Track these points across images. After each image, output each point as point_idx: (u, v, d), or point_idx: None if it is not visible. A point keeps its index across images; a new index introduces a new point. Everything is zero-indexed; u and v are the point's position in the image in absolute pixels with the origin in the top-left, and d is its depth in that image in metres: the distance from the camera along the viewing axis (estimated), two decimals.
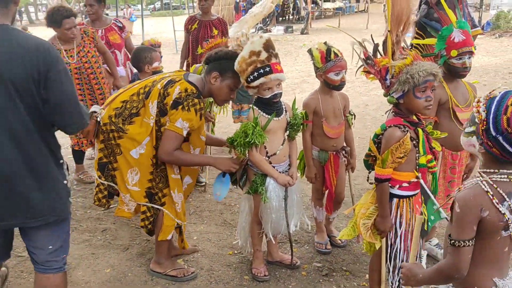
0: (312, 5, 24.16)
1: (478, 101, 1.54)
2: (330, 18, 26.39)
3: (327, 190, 3.24)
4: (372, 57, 2.27)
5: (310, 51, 3.04)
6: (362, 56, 2.28)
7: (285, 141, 2.84)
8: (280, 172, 2.82)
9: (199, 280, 3.04)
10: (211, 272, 3.13)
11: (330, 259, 3.22)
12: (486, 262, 1.60)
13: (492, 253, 1.60)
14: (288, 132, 2.85)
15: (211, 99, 3.80)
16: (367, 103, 7.67)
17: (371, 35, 2.46)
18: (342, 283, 2.95)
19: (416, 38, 2.96)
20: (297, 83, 9.47)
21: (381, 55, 2.30)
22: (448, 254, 1.59)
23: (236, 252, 3.36)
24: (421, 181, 2.22)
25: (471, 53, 2.63)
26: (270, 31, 19.91)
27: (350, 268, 3.10)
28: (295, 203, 2.94)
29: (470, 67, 2.67)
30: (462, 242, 1.54)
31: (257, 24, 18.90)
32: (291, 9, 26.72)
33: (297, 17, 25.68)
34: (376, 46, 2.32)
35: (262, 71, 2.61)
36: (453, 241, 1.55)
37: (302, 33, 19.38)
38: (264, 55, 2.63)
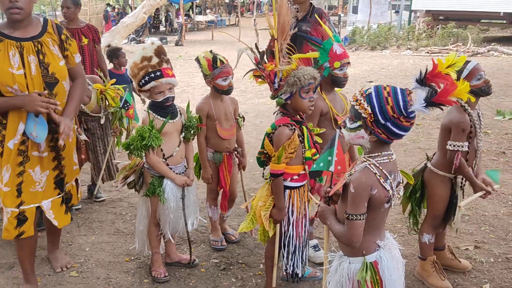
0: (185, 18, 24.40)
1: (356, 100, 1.84)
2: (203, 30, 26.87)
3: (222, 190, 3.42)
4: (261, 62, 2.52)
5: (197, 60, 3.21)
6: (254, 61, 2.52)
7: (181, 143, 2.96)
8: (177, 173, 2.93)
9: None
10: (109, 280, 3.09)
11: (226, 254, 3.40)
12: (372, 229, 1.91)
13: (376, 222, 1.92)
14: (183, 134, 2.98)
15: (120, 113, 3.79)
16: (246, 111, 8.05)
17: (256, 44, 2.72)
18: (239, 274, 3.14)
19: (288, 49, 3.24)
20: (177, 93, 9.51)
21: (265, 62, 2.56)
22: (345, 226, 1.86)
23: (133, 258, 3.36)
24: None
25: (349, 64, 3.00)
26: (143, 42, 19.60)
27: (246, 261, 3.31)
28: (192, 203, 3.07)
29: (348, 77, 3.04)
30: (356, 216, 1.82)
31: (129, 34, 18.48)
32: (163, 21, 26.67)
33: (170, 29, 25.70)
34: (262, 53, 2.58)
35: (153, 75, 2.74)
36: (348, 215, 1.83)
37: (176, 44, 19.45)
38: (155, 60, 2.77)
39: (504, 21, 15.61)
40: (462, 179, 2.86)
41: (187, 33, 22.99)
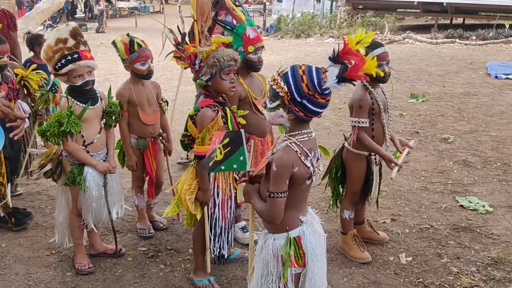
0: (106, 3, 23.37)
1: (274, 79, 1.88)
2: (126, 17, 25.93)
3: (147, 177, 3.36)
4: (181, 43, 2.48)
5: (114, 43, 3.10)
6: (173, 42, 2.48)
7: (102, 129, 2.86)
8: (97, 160, 2.83)
9: (14, 286, 2.82)
10: (29, 276, 2.93)
11: (154, 242, 3.35)
12: (294, 205, 1.97)
13: (298, 198, 1.98)
14: (104, 120, 2.87)
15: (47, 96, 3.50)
16: (173, 99, 7.91)
17: (178, 26, 2.68)
18: (168, 260, 3.11)
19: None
20: (99, 81, 9.15)
21: (187, 43, 2.53)
22: (267, 204, 1.90)
23: (54, 252, 3.21)
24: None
25: (263, 47, 3.04)
26: None
27: (174, 247, 3.29)
28: (116, 191, 2.98)
29: (262, 60, 3.08)
30: (277, 194, 1.86)
31: (45, 21, 17.38)
32: (82, 7, 25.35)
33: (90, 15, 24.50)
34: (183, 34, 2.55)
35: (69, 57, 2.62)
36: (270, 193, 1.87)
37: (97, 31, 18.62)
38: (71, 42, 2.65)
39: (418, 10, 16.55)
40: (376, 155, 3.01)
41: (108, 20, 22.07)
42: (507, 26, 13.39)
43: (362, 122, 2.87)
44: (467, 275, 2.89)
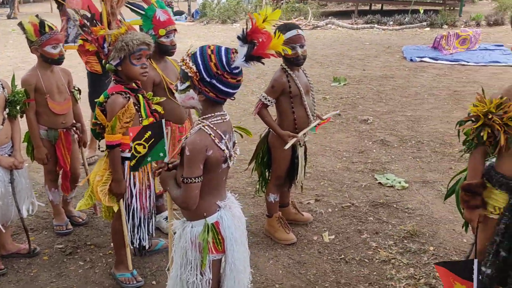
0: None
1: (183, 60, 1.82)
2: (40, 2, 24.30)
3: (62, 170, 3.16)
4: (88, 25, 2.33)
5: (21, 25, 2.88)
6: (78, 24, 2.32)
7: (5, 120, 2.64)
8: (1, 155, 2.61)
9: None
10: None
11: (73, 238, 3.18)
12: (211, 190, 1.93)
13: (215, 183, 1.93)
14: (7, 110, 2.65)
15: None
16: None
17: (88, 6, 2.52)
18: (87, 256, 2.97)
19: None
20: (10, 70, 8.51)
21: (98, 25, 2.39)
22: (181, 190, 1.84)
23: None
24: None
25: (175, 31, 2.94)
26: None
27: (95, 242, 3.14)
28: (24, 187, 2.78)
29: (176, 44, 2.98)
30: (191, 179, 1.80)
31: None
32: None
33: (1, 0, 22.68)
34: (92, 15, 2.40)
35: None
36: (184, 178, 1.81)
37: (9, 17, 17.27)
38: None
39: None
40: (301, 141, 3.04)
41: (21, 5, 20.57)
42: (422, 12, 14.16)
43: (268, 100, 2.93)
44: (385, 248, 3.03)
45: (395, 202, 3.65)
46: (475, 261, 2.07)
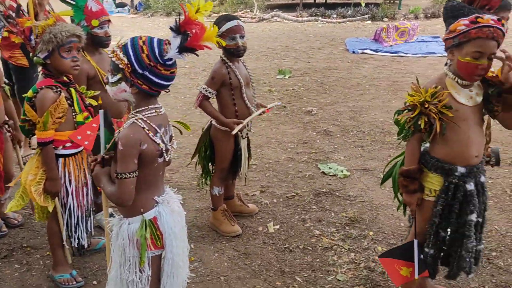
0: None
1: (113, 51, 1.77)
2: None
3: None
4: (13, 16, 2.21)
5: None
6: (3, 14, 2.20)
7: None
8: None
9: None
10: None
11: (8, 240, 3.03)
12: (148, 186, 1.88)
13: (152, 178, 1.89)
14: None
15: None
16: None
17: None
18: (24, 259, 2.84)
19: None
20: None
21: (24, 15, 2.27)
22: (116, 186, 1.79)
23: None
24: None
25: (109, 21, 2.84)
26: None
27: (31, 243, 3.01)
28: None
29: (110, 36, 2.86)
30: (125, 174, 1.76)
31: None
32: None
33: None
34: (18, 6, 2.27)
35: None
36: (117, 174, 1.76)
37: None
38: None
39: None
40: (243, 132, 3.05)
41: None
42: (363, 5, 14.55)
43: (208, 92, 2.93)
44: (328, 235, 3.10)
45: (337, 190, 3.74)
46: (415, 241, 2.17)
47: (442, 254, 2.26)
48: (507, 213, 3.32)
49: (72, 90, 2.34)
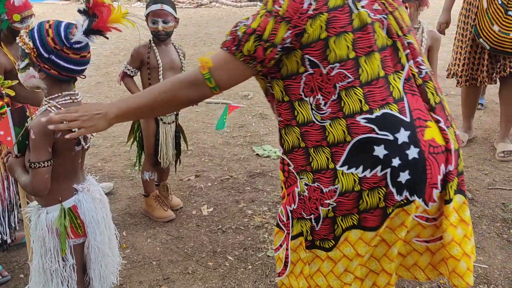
0: None
1: (20, 36, 1.73)
2: None
3: None
4: None
5: None
6: None
7: None
8: None
9: None
10: None
11: None
12: (66, 174, 1.87)
13: (69, 166, 1.88)
14: None
15: None
16: None
17: None
18: None
19: None
20: None
21: None
22: (30, 175, 1.77)
23: None
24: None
25: (32, 15, 2.74)
26: None
27: None
28: None
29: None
30: (39, 164, 1.73)
31: None
32: None
33: None
34: None
35: None
36: (31, 163, 1.74)
37: None
38: None
39: None
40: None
41: None
42: None
43: (128, 69, 2.99)
44: (259, 214, 3.20)
45: (270, 171, 3.84)
46: None
47: None
48: None
49: None
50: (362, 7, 1.43)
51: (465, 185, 1.69)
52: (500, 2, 3.48)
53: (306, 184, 1.50)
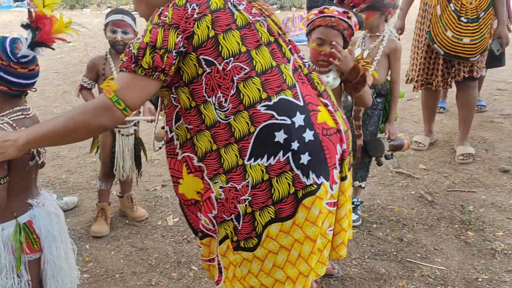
0: None
1: None
2: None
3: None
4: None
5: None
6: None
7: None
8: None
9: None
10: None
11: None
12: (21, 190, 1.86)
13: (24, 181, 1.87)
14: None
15: None
16: None
17: None
18: None
19: None
20: None
21: None
22: None
23: None
24: None
25: None
26: None
27: None
28: None
29: None
30: None
31: None
32: None
33: None
34: None
35: None
36: None
37: None
38: None
39: None
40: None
41: None
42: None
43: (84, 81, 3.00)
44: None
45: None
46: None
47: None
48: (388, 188, 3.65)
49: None
50: (241, 10, 1.58)
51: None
52: (453, 8, 3.61)
53: (221, 187, 1.57)
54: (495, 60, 4.19)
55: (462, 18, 3.60)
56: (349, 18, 2.10)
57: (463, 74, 3.79)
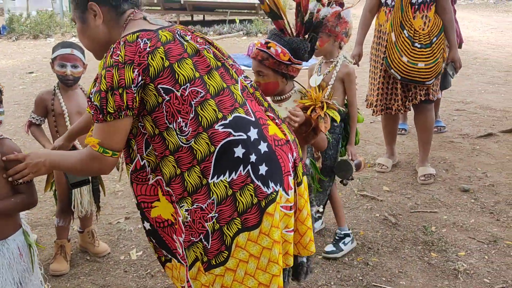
0: None
1: None
2: None
3: None
4: None
5: None
6: None
7: None
8: None
9: None
10: None
11: None
12: None
13: None
14: None
15: None
16: None
17: None
18: None
19: None
20: None
21: None
22: None
23: None
24: None
25: None
26: None
27: None
28: None
29: None
30: None
31: None
32: None
33: None
34: None
35: None
36: None
37: None
38: None
39: (160, 8, 17.13)
40: None
41: None
42: (238, 22, 15.06)
43: (32, 117, 2.94)
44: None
45: None
46: None
47: None
48: (354, 211, 3.67)
49: None
50: (188, 40, 1.69)
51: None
52: (407, 35, 3.74)
53: (186, 210, 1.62)
54: (442, 83, 4.22)
55: (416, 44, 3.73)
56: (268, 48, 2.15)
57: (419, 98, 3.90)
